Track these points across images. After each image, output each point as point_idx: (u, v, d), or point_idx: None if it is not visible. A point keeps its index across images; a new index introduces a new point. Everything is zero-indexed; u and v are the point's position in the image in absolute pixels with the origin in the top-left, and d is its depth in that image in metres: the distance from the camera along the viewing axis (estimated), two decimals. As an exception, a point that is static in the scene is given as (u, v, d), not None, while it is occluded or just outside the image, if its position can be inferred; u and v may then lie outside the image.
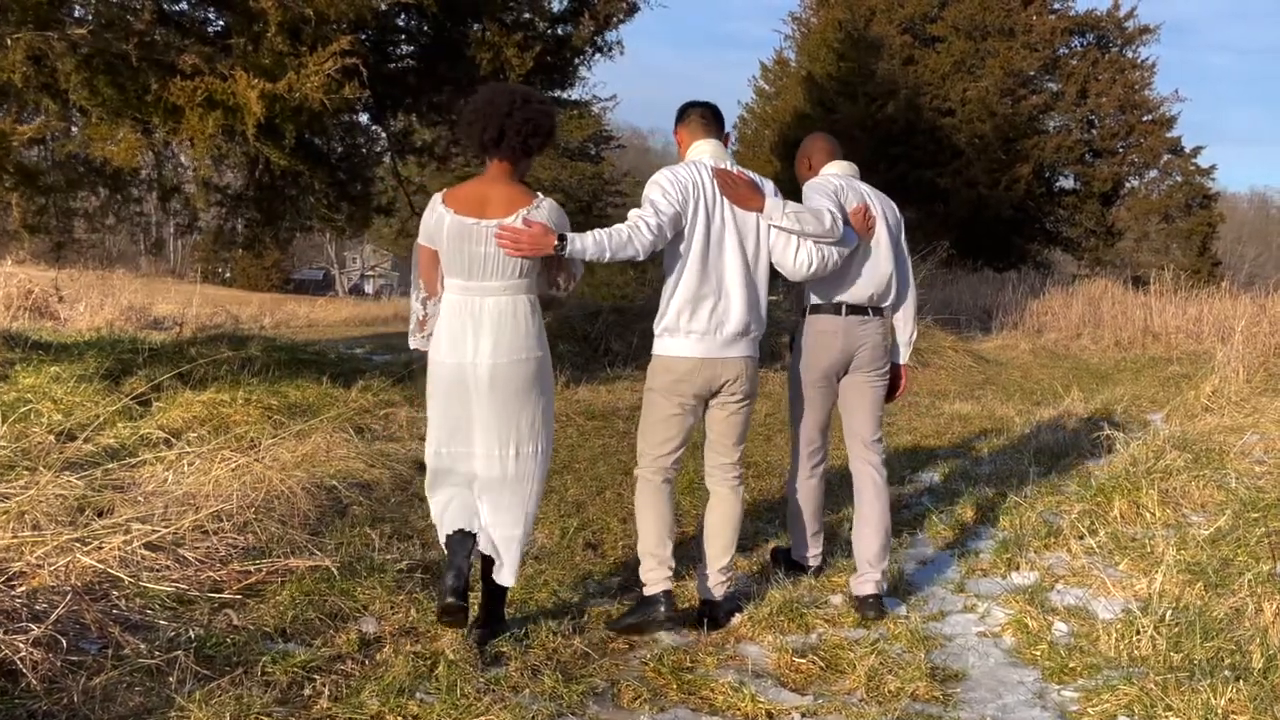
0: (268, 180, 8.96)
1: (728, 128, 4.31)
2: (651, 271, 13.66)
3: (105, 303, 16.41)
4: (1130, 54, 26.42)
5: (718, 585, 4.06)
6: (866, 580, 4.24)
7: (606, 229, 3.73)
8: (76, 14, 7.18)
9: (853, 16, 26.41)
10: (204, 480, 5.13)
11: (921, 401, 10.01)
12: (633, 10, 10.20)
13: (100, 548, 4.13)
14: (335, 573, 4.19)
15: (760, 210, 3.96)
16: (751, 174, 4.08)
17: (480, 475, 3.67)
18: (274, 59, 6.71)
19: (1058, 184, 27.18)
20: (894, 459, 7.17)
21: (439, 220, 3.60)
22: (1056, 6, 26.55)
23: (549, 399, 3.77)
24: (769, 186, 4.06)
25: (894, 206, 4.61)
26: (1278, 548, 4.83)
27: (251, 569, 4.23)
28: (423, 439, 7.14)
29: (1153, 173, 26.63)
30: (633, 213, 3.83)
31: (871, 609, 4.16)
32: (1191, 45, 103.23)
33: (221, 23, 8.10)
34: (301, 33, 6.87)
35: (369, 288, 59.89)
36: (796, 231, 3.99)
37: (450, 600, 3.54)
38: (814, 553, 4.64)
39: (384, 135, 10.37)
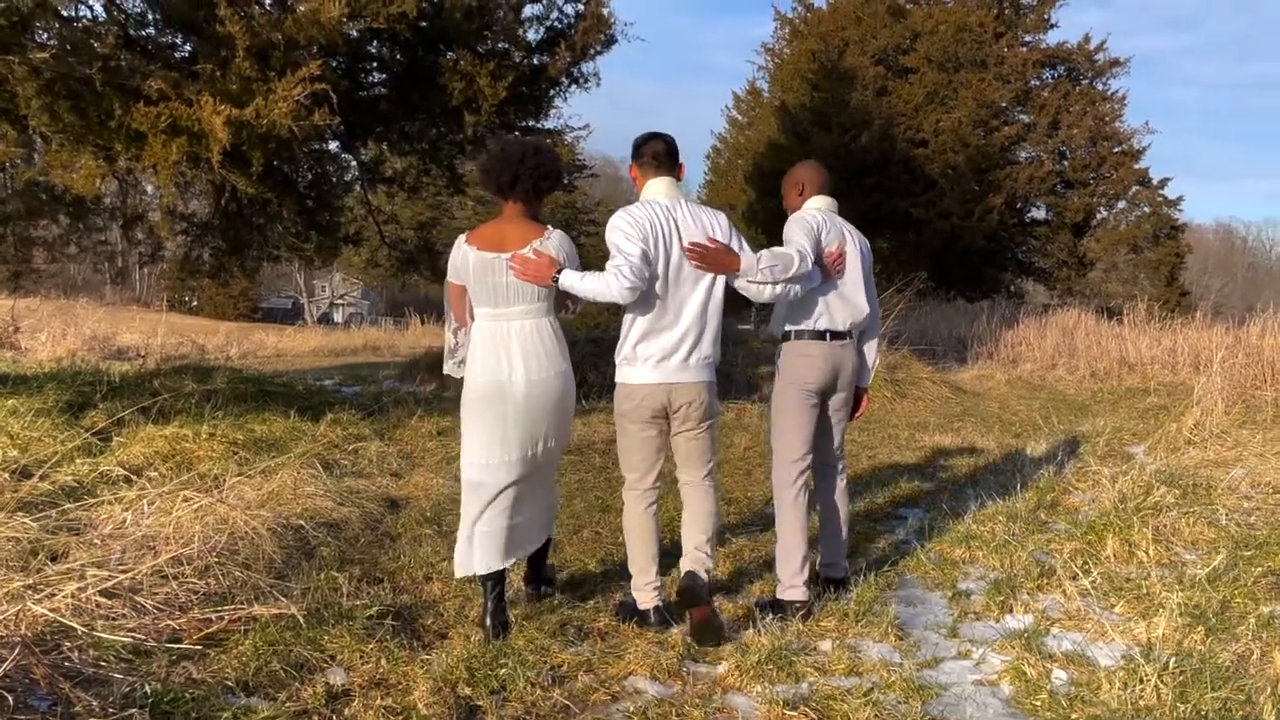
0: (234, 208, 8.73)
1: (701, 159, 4.51)
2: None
3: (68, 332, 16.08)
4: (1100, 86, 26.65)
5: (697, 561, 4.25)
6: (836, 568, 4.87)
7: (595, 272, 4.01)
8: (39, 38, 6.98)
9: (826, 48, 26.54)
10: (164, 521, 4.91)
11: (901, 434, 9.89)
12: (610, 42, 10.08)
13: (53, 595, 3.92)
14: (301, 620, 3.98)
15: (737, 270, 4.18)
16: (712, 216, 4.26)
17: (517, 476, 4.14)
18: (241, 84, 6.53)
19: (1030, 214, 27.32)
20: (877, 495, 7.04)
21: (464, 257, 4.11)
22: (1028, 39, 26.77)
23: (572, 404, 4.31)
24: (728, 231, 4.23)
25: (865, 241, 4.89)
26: (1277, 589, 4.71)
27: (213, 617, 4.01)
28: (394, 474, 7.05)
29: (1121, 204, 26.82)
30: (608, 264, 4.04)
31: (841, 587, 4.79)
32: (1160, 80, 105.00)
33: (188, 47, 7.91)
34: (270, 58, 6.70)
35: (338, 316, 59.49)
36: (770, 282, 4.23)
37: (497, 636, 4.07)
38: (800, 581, 4.54)
39: (354, 163, 10.19)
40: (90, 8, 7.94)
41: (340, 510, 5.84)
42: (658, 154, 4.25)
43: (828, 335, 4.63)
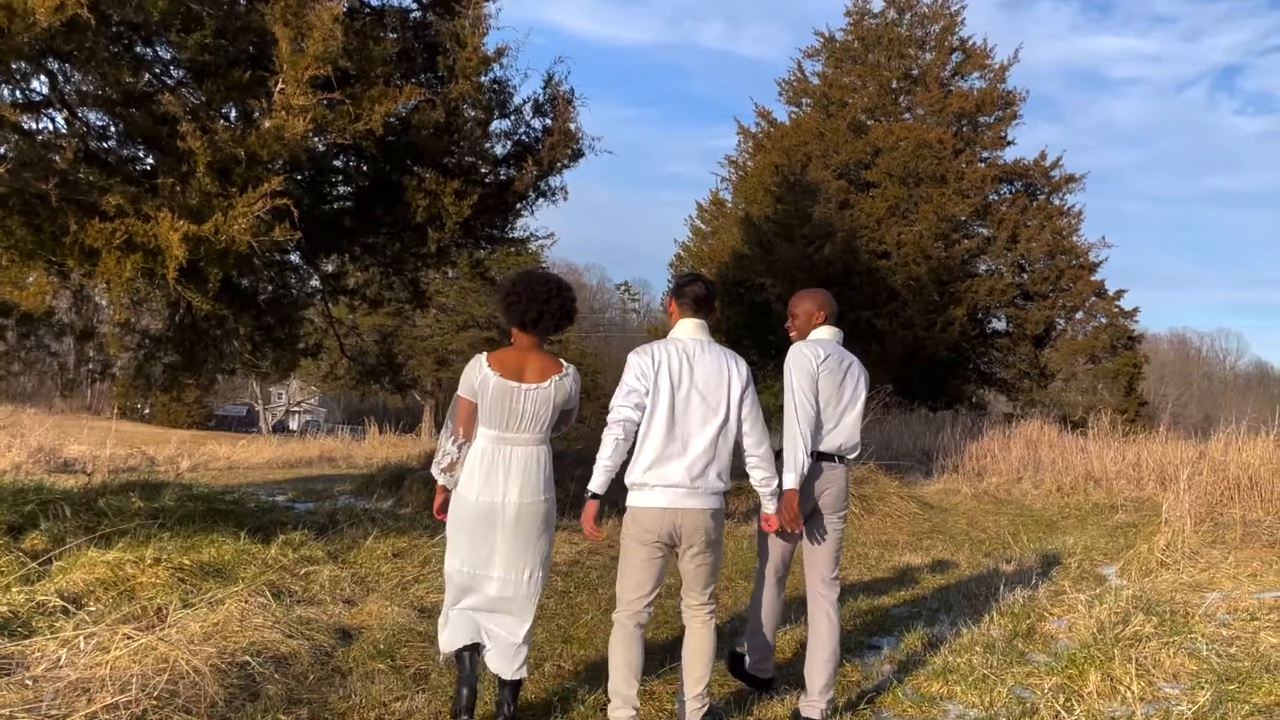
0: (189, 321, 8.55)
1: (664, 267, 4.90)
2: (592, 421, 13.30)
3: (13, 444, 15.62)
4: (1057, 201, 27.24)
5: (693, 713, 4.44)
6: (814, 706, 4.76)
7: (605, 450, 4.32)
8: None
9: (789, 161, 26.99)
10: (102, 660, 4.62)
11: (871, 554, 9.71)
12: (577, 156, 10.07)
13: (-26, 747, 3.63)
14: (241, 774, 3.70)
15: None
16: (733, 361, 4.50)
17: (495, 595, 4.39)
18: (202, 199, 6.40)
19: (991, 326, 27.60)
20: (849, 621, 6.82)
21: (484, 380, 4.37)
22: (985, 155, 27.38)
23: (553, 531, 4.57)
24: (745, 378, 4.52)
25: (867, 376, 5.13)
26: (1267, 731, 4.54)
27: (145, 771, 3.73)
28: (347, 601, 6.76)
29: (1079, 314, 27.19)
30: (612, 403, 4.37)
31: None
32: (1113, 193, 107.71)
33: (150, 160, 7.80)
34: (232, 173, 6.60)
35: (294, 424, 58.64)
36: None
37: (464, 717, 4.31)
38: (769, 665, 5.08)
39: (315, 275, 10.04)
40: (52, 119, 7.80)
41: (289, 643, 5.54)
42: (698, 297, 4.56)
43: (815, 455, 4.81)
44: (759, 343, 25.18)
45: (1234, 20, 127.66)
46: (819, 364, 4.82)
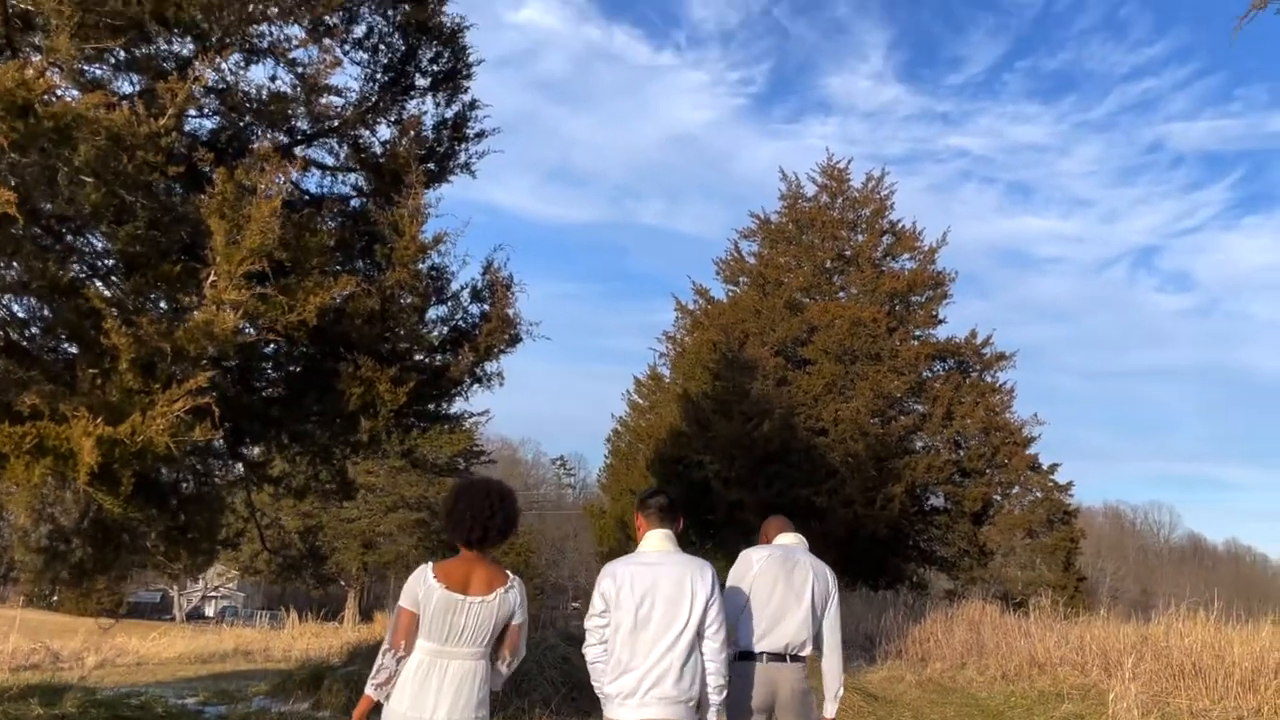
0: (100, 518, 8.18)
1: (601, 441, 5.03)
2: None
3: (-90, 638, 14.67)
4: (989, 378, 27.75)
5: None
6: None
7: (593, 676, 4.64)
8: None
9: (726, 339, 27.33)
10: None
11: (815, 756, 9.32)
12: (515, 341, 10.02)
13: None
14: None
15: None
16: (699, 570, 4.57)
17: None
18: (123, 395, 6.19)
19: (930, 503, 27.62)
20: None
21: (429, 591, 4.23)
22: (918, 333, 27.97)
23: None
24: (710, 586, 4.57)
25: (827, 577, 5.25)
26: None
27: None
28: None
29: (1015, 490, 27.37)
30: (586, 623, 4.65)
31: None
32: (1042, 367, 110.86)
33: (73, 350, 7.60)
34: (156, 368, 6.42)
35: (210, 610, 56.37)
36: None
37: None
38: None
39: (239, 466, 9.74)
40: (-24, 308, 7.63)
41: None
42: (662, 508, 4.73)
43: (764, 656, 4.97)
44: (697, 522, 24.91)
45: (1149, 204, 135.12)
46: (757, 568, 5.07)
